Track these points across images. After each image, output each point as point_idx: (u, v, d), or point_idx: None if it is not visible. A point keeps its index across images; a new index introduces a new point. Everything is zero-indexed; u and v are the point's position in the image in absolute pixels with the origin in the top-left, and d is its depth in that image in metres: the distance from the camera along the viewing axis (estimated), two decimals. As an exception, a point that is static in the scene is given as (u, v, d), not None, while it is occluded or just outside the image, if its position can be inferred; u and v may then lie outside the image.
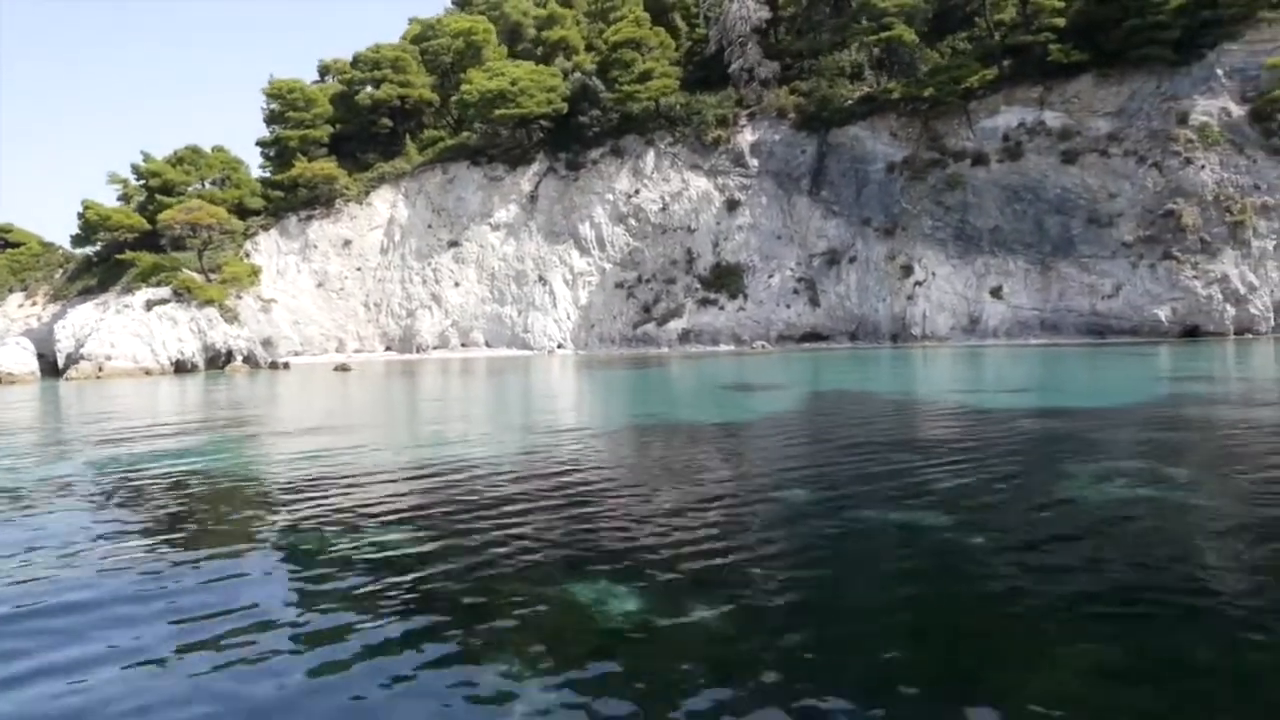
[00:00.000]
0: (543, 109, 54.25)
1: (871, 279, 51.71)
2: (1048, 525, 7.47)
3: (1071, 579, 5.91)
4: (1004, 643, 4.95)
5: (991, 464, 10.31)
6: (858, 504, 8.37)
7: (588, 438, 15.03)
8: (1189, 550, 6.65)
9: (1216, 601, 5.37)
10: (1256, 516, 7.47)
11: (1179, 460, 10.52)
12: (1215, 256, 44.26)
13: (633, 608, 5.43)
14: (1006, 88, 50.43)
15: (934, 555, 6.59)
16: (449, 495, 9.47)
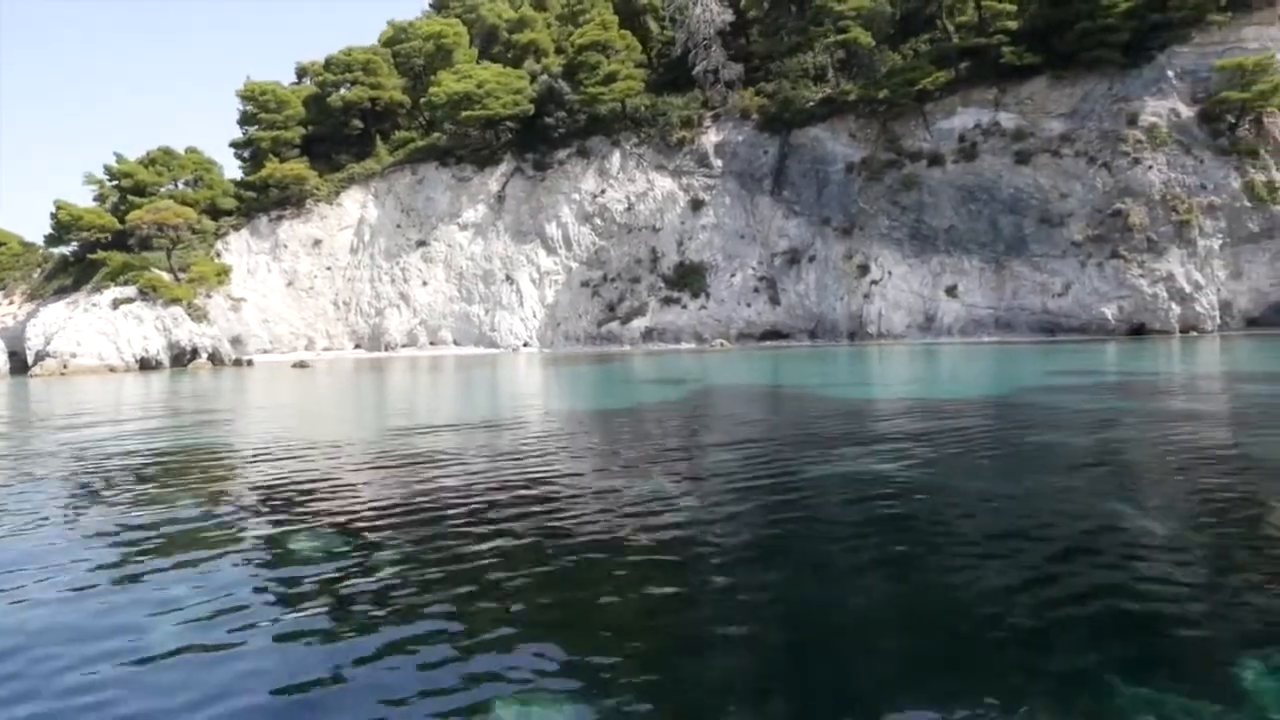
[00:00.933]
0: (509, 110, 55.10)
1: (830, 278, 52.48)
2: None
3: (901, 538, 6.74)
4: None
5: (838, 452, 11.15)
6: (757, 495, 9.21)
7: (519, 428, 15.88)
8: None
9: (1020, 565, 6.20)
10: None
11: (989, 451, 11.35)
12: (1161, 255, 44.95)
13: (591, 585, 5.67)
14: (963, 89, 51.16)
15: (801, 525, 7.43)
16: (377, 479, 10.32)
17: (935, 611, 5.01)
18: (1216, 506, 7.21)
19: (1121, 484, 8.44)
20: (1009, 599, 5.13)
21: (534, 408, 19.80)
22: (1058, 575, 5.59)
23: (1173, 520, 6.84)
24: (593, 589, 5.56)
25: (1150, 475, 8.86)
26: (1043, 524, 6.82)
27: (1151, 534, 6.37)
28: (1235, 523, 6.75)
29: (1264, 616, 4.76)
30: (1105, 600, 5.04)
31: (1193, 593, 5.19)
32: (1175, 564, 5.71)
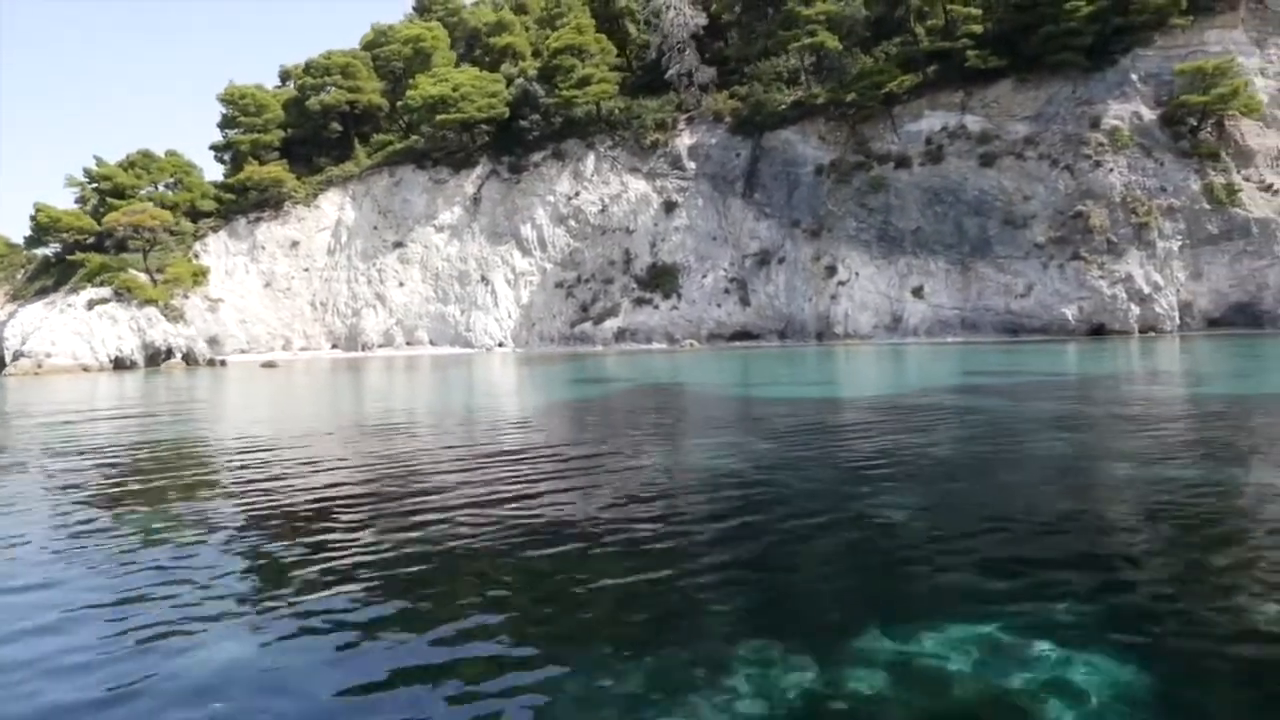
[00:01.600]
0: (484, 114, 55.77)
1: (799, 279, 53.04)
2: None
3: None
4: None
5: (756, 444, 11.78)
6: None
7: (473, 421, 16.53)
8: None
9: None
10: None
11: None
12: (1121, 257, 45.45)
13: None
14: (930, 92, 51.69)
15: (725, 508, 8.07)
16: (329, 469, 10.99)
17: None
18: (936, 502, 7.83)
19: (886, 484, 9.05)
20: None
21: (470, 405, 20.45)
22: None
23: (895, 512, 7.47)
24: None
25: (918, 478, 9.46)
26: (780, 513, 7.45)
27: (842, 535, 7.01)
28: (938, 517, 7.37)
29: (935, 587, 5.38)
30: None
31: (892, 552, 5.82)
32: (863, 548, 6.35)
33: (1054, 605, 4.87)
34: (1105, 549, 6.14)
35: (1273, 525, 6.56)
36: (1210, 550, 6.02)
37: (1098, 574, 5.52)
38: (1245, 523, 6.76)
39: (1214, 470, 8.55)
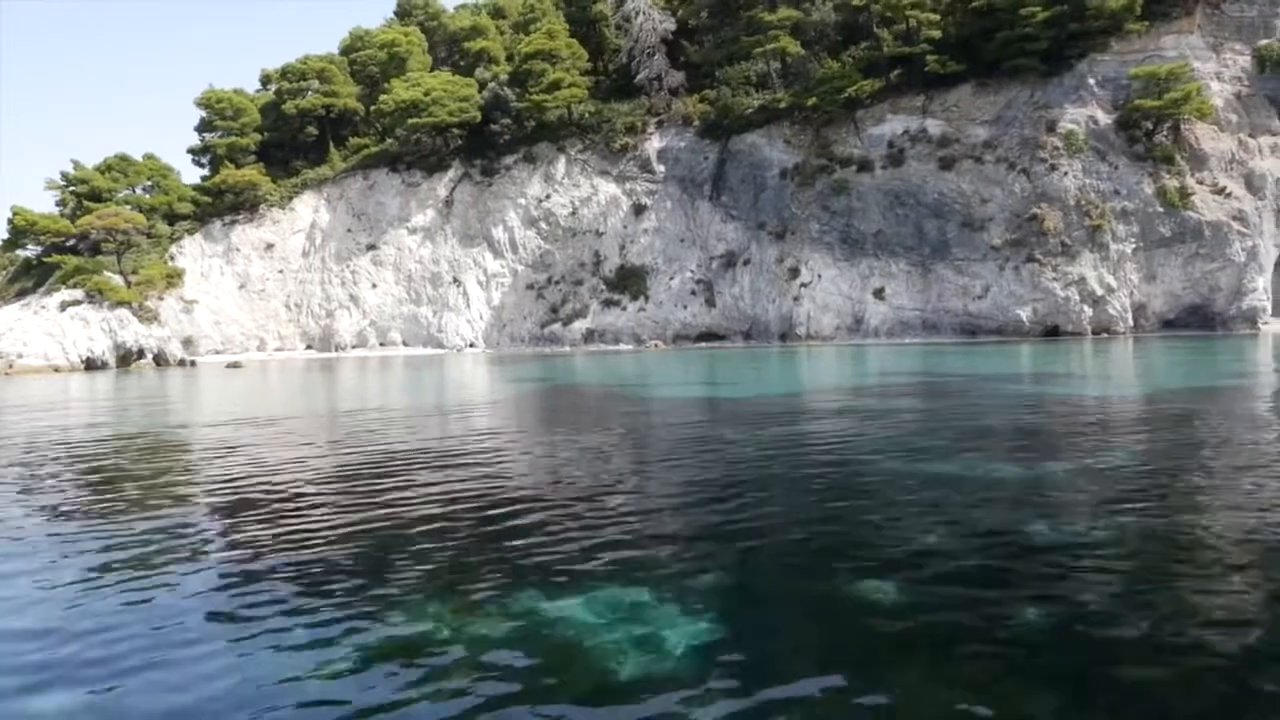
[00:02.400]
0: (455, 118, 56.56)
1: (763, 281, 53.79)
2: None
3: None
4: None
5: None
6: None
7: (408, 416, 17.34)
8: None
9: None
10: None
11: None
12: (1074, 259, 46.14)
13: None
14: (892, 97, 52.40)
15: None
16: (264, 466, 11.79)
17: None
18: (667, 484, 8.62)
19: (634, 459, 9.83)
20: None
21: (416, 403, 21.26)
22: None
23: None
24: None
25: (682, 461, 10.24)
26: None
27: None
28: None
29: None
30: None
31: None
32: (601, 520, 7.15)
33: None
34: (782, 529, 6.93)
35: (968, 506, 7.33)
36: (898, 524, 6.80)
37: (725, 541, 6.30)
38: (945, 506, 7.53)
39: (979, 464, 9.32)
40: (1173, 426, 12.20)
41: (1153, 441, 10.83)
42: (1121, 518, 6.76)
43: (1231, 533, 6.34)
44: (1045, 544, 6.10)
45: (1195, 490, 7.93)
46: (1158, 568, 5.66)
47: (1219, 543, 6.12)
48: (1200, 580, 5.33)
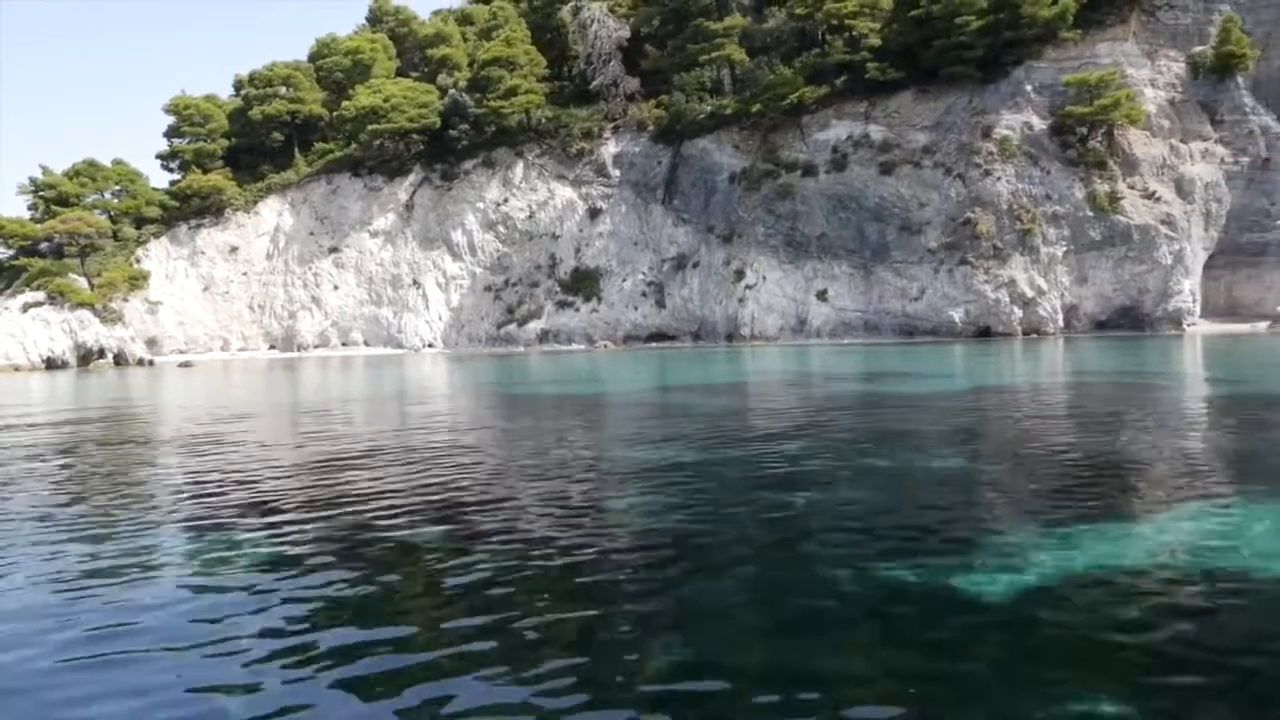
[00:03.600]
0: (415, 124, 57.93)
1: (712, 283, 55.04)
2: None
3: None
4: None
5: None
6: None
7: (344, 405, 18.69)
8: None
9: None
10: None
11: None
12: (1005, 262, 47.28)
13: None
14: (837, 103, 53.57)
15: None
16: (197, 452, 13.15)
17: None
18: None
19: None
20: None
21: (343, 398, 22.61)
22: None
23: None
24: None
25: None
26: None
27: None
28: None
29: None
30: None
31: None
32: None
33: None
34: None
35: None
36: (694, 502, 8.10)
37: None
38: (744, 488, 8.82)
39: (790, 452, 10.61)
40: (943, 416, 13.46)
41: (921, 432, 12.10)
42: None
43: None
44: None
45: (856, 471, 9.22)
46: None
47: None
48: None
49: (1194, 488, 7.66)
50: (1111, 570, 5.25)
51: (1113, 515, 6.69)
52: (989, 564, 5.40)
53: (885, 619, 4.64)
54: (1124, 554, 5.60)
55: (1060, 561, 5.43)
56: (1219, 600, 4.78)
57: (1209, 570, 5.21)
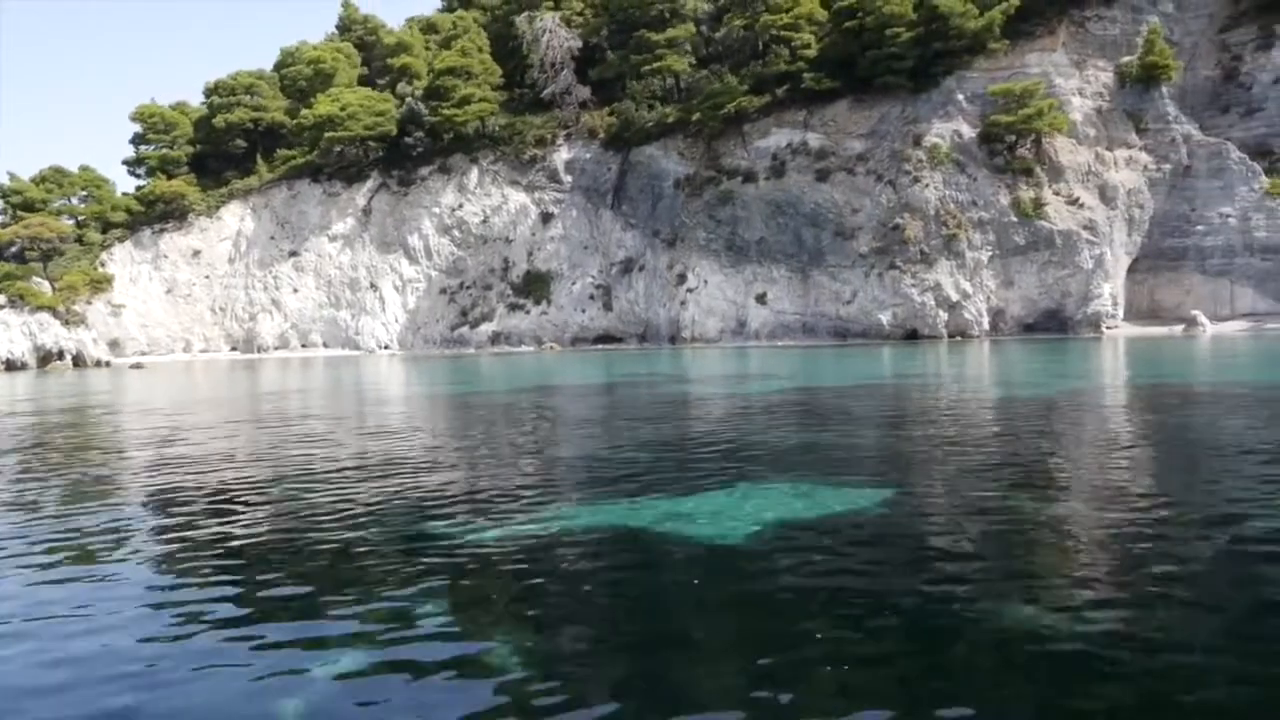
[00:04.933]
0: (371, 131, 59.55)
1: (656, 286, 56.60)
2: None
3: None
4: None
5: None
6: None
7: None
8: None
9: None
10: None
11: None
12: (932, 266, 48.73)
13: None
14: (777, 111, 55.05)
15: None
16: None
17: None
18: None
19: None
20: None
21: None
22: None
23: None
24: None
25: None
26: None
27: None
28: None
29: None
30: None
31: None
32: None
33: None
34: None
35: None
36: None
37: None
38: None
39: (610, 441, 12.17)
40: (797, 411, 15.00)
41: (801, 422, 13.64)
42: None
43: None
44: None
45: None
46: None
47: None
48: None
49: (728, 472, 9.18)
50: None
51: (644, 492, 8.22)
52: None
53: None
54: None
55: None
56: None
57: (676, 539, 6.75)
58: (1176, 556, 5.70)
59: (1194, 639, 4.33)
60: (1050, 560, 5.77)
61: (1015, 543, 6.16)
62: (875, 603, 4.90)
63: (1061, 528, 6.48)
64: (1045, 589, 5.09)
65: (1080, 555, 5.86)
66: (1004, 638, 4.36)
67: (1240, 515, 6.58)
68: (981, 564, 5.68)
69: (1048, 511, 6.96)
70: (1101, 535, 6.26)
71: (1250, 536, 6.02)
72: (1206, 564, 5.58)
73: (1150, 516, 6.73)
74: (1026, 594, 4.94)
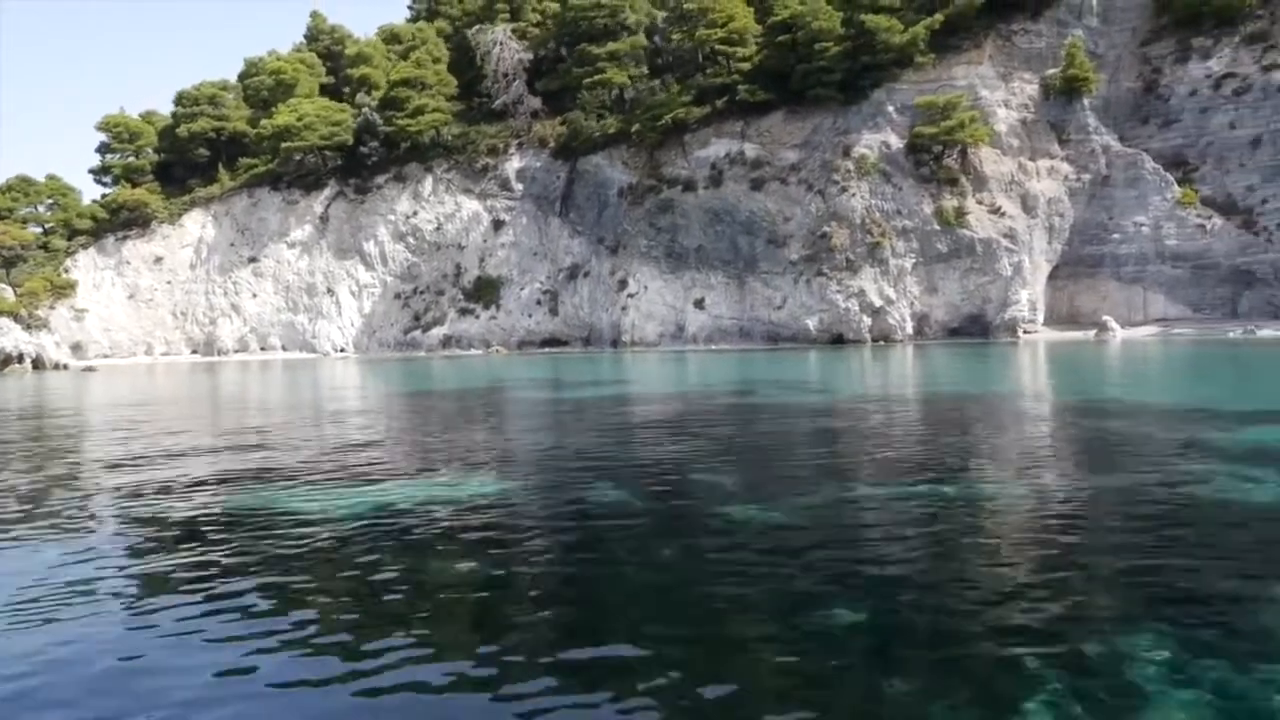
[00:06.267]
0: (327, 141, 61.43)
1: (600, 291, 58.39)
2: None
3: None
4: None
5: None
6: None
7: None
8: None
9: None
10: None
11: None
12: (856, 274, 50.46)
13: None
14: (717, 122, 56.81)
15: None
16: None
17: None
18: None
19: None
20: None
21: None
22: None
23: None
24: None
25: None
26: None
27: None
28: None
29: None
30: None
31: None
32: None
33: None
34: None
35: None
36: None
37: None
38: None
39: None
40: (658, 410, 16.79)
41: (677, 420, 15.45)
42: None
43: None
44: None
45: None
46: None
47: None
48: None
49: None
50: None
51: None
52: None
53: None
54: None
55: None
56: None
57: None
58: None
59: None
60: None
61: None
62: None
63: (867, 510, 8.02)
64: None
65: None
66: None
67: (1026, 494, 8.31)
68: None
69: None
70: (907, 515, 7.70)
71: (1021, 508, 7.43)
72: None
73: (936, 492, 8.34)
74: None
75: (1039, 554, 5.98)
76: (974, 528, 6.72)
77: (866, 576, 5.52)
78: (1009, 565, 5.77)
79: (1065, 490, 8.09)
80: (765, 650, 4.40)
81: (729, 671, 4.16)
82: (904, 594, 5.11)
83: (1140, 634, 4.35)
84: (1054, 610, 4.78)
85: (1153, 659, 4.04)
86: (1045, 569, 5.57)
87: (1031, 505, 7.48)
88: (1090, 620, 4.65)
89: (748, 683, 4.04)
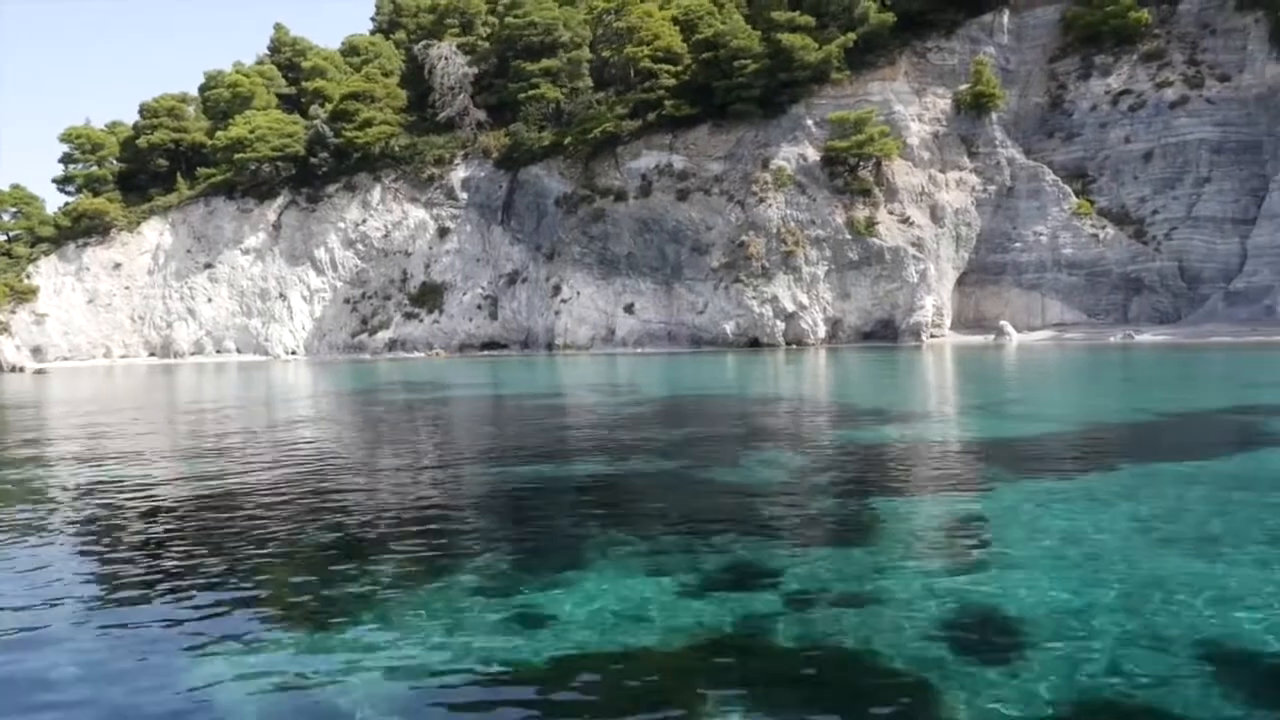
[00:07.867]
0: (279, 152, 63.99)
1: (536, 296, 60.96)
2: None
3: None
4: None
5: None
6: None
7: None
8: None
9: None
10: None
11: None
12: (771, 280, 53.02)
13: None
14: (647, 134, 59.35)
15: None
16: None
17: None
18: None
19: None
20: None
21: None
22: None
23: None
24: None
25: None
26: None
27: None
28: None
29: None
30: None
31: None
32: None
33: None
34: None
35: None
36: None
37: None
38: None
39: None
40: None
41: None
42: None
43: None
44: None
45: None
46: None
47: None
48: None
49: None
50: None
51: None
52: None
53: None
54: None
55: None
56: None
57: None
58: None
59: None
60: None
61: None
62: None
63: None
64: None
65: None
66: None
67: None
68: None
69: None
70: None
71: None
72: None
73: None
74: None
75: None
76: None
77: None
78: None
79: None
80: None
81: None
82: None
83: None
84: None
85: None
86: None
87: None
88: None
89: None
